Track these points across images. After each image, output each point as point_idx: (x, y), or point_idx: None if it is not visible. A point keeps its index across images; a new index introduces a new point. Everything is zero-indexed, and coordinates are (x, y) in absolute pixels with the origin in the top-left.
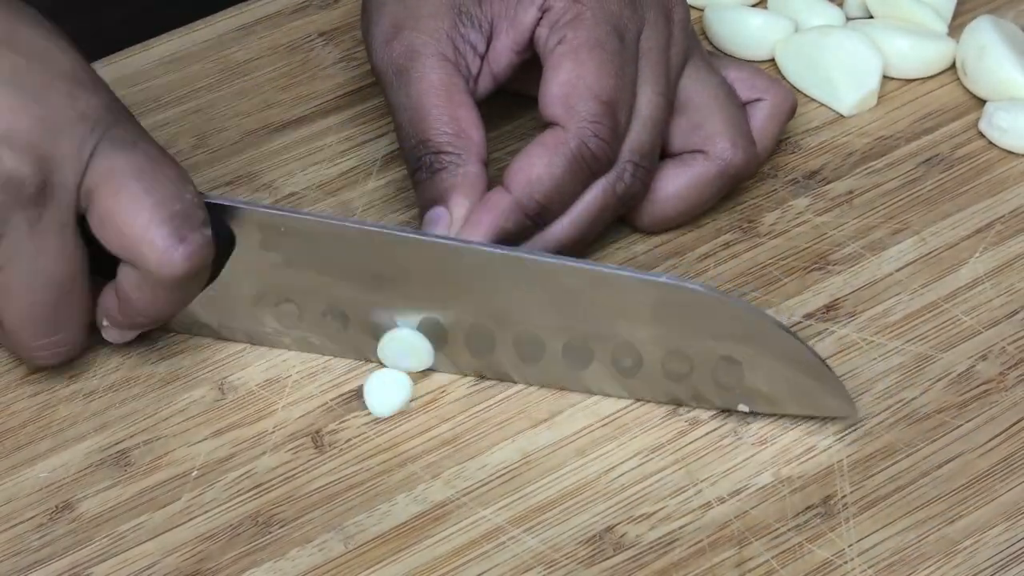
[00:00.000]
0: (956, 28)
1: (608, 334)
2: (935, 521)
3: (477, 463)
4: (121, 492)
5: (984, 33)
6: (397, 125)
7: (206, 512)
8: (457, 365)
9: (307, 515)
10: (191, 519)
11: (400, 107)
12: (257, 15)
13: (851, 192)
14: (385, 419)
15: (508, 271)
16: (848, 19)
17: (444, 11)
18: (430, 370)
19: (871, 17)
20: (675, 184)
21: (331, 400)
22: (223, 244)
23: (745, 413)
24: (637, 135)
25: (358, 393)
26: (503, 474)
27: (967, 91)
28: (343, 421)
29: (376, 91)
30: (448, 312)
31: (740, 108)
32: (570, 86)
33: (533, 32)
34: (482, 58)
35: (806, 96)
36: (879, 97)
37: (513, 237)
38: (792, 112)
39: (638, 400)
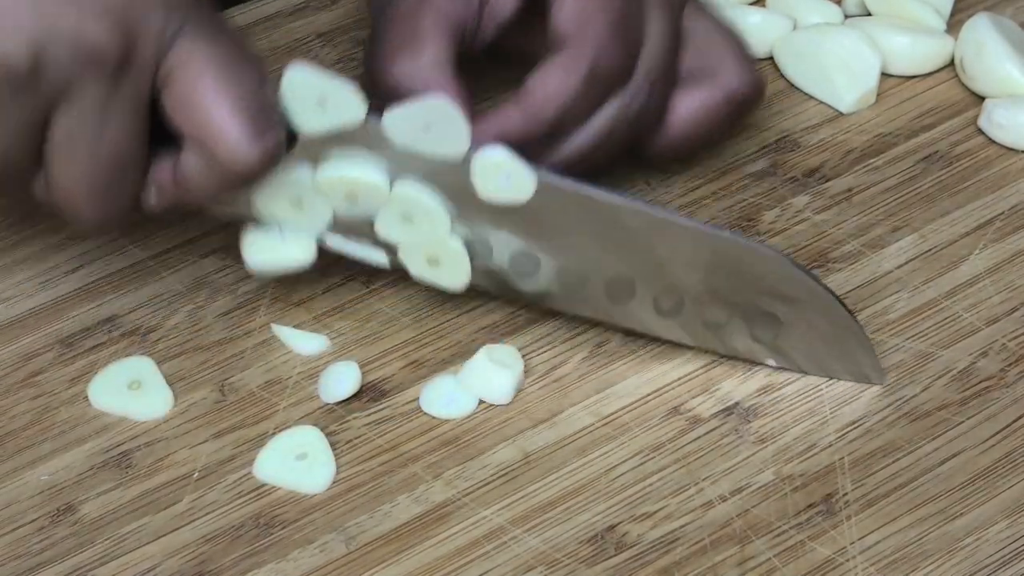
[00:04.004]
0: (954, 25)
1: (656, 276)
2: (936, 518)
3: (478, 463)
4: (123, 494)
5: (982, 30)
6: None
7: (208, 514)
8: (494, 284)
9: (308, 516)
10: (193, 521)
11: None
12: (255, 16)
13: (850, 190)
14: (387, 419)
15: (570, 207)
16: (846, 16)
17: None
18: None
19: (869, 14)
20: (685, 106)
21: (332, 401)
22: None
23: (771, 368)
24: (650, 56)
25: (358, 394)
26: (504, 474)
27: (966, 88)
28: (344, 422)
29: None
30: (499, 234)
31: (740, 38)
32: (582, 3)
33: None
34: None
35: (805, 94)
36: (878, 94)
37: (523, 152)
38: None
39: (665, 340)
